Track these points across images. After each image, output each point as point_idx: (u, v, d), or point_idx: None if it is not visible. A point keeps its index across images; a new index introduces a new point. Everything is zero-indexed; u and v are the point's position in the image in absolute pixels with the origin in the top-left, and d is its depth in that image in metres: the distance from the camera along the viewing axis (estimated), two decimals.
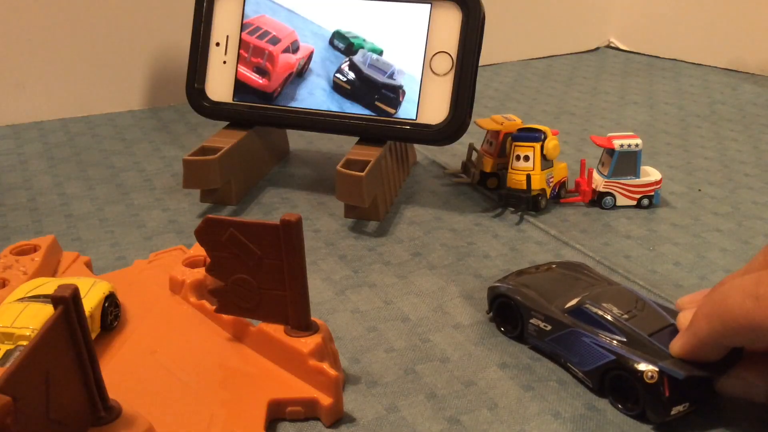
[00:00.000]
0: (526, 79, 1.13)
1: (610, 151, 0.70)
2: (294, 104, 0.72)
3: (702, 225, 0.68)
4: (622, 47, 1.28)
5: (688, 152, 0.85)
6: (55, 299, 0.34)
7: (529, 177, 0.68)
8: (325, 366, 0.44)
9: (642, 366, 0.43)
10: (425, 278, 0.59)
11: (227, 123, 0.75)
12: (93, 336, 0.45)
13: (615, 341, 0.45)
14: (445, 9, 0.68)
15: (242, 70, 0.74)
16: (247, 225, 0.43)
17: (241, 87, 0.74)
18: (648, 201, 0.71)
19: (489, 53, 0.82)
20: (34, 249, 0.55)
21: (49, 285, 0.48)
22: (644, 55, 1.25)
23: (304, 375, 0.44)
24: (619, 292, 0.49)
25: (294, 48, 0.73)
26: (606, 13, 1.28)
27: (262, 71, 0.73)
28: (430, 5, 0.69)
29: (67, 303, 0.35)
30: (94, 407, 0.37)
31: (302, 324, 0.45)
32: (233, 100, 0.74)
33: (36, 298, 0.46)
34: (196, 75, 0.75)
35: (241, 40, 0.74)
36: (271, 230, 0.43)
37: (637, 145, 0.69)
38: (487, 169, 0.74)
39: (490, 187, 0.74)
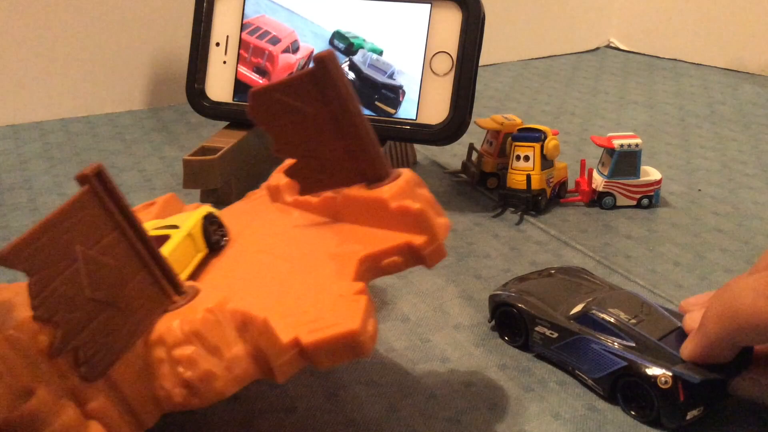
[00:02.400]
0: (526, 79, 1.13)
1: (610, 151, 0.70)
2: None
3: (702, 225, 0.68)
4: (622, 47, 1.28)
5: (688, 152, 0.85)
6: (79, 178, 0.33)
7: (529, 177, 0.68)
8: (407, 203, 0.39)
9: (655, 371, 0.43)
10: (425, 278, 0.59)
11: (227, 123, 0.75)
12: (200, 256, 0.45)
13: (625, 347, 0.45)
14: (445, 9, 0.68)
15: (242, 70, 0.74)
16: (288, 83, 0.39)
17: (241, 87, 0.74)
18: (648, 201, 0.71)
19: (489, 53, 0.82)
20: (153, 204, 0.53)
21: (160, 221, 0.47)
22: (644, 55, 1.25)
23: (393, 223, 0.40)
24: (624, 297, 0.48)
25: (294, 48, 0.73)
26: (606, 13, 1.28)
27: (262, 71, 0.73)
28: (430, 5, 0.69)
29: (91, 181, 0.33)
30: (163, 291, 0.36)
31: (379, 173, 0.41)
32: (233, 100, 0.74)
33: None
34: (196, 75, 0.75)
35: (241, 40, 0.74)
36: (309, 78, 0.38)
37: (637, 145, 0.69)
38: (487, 169, 0.74)
39: (490, 187, 0.75)
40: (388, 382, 0.48)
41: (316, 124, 0.39)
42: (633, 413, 0.45)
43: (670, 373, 0.42)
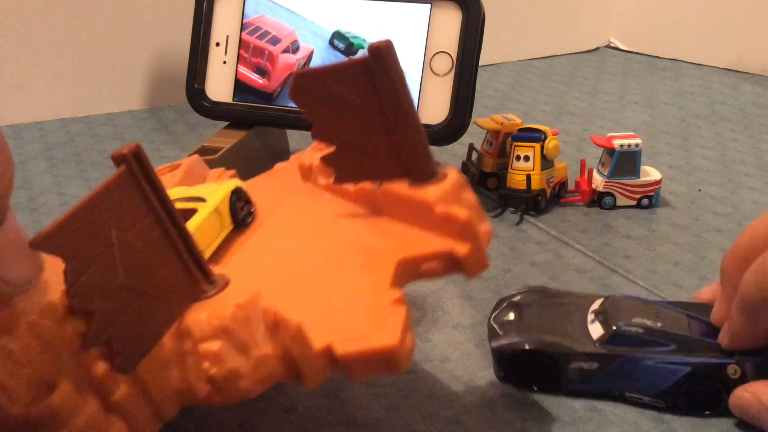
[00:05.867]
0: (526, 79, 1.13)
1: (610, 151, 0.70)
2: (294, 104, 0.72)
3: (702, 225, 0.68)
4: (622, 47, 1.28)
5: (688, 152, 0.85)
6: (115, 158, 0.31)
7: (529, 177, 0.68)
8: (454, 209, 0.37)
9: (721, 365, 0.43)
10: None
11: (227, 123, 0.75)
12: (225, 233, 0.43)
13: (672, 352, 0.44)
14: (445, 9, 0.68)
15: (242, 70, 0.74)
16: (336, 69, 0.37)
17: (241, 87, 0.74)
18: (648, 201, 0.71)
19: (489, 53, 0.82)
20: (177, 167, 0.51)
21: (184, 190, 0.45)
22: (644, 55, 1.25)
23: (436, 227, 0.38)
24: (631, 304, 0.47)
25: (294, 48, 0.73)
26: (606, 13, 1.28)
27: (262, 71, 0.73)
28: (430, 5, 0.69)
29: (128, 161, 0.31)
30: (193, 280, 0.35)
31: (424, 171, 0.39)
32: (233, 100, 0.74)
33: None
34: (196, 75, 0.75)
35: (241, 40, 0.74)
36: (361, 66, 0.36)
37: (637, 145, 0.69)
38: (487, 169, 0.74)
39: (490, 187, 0.74)
40: (388, 382, 0.48)
41: (361, 115, 0.38)
42: (707, 413, 0.44)
43: (733, 362, 0.43)
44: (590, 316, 0.47)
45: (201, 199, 0.43)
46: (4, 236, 0.31)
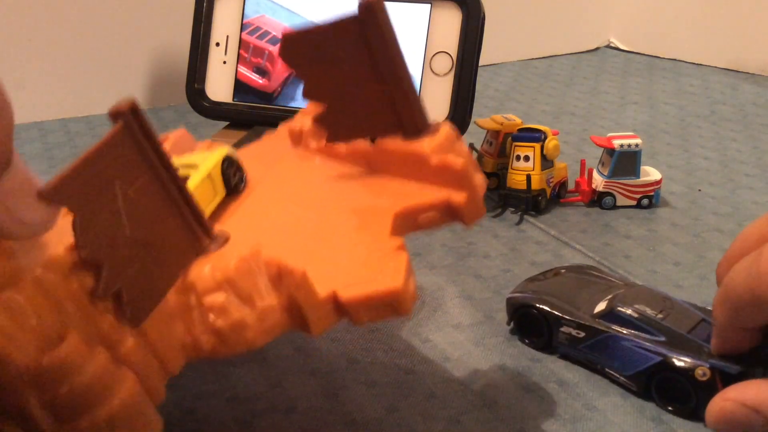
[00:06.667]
0: (526, 79, 1.13)
1: (610, 151, 0.70)
2: (294, 104, 0.72)
3: (702, 225, 0.68)
4: (622, 47, 1.28)
5: (688, 152, 0.85)
6: (112, 114, 0.31)
7: (529, 177, 0.68)
8: (450, 159, 0.38)
9: (692, 364, 0.43)
10: (425, 278, 0.59)
11: (227, 123, 0.75)
12: (218, 199, 0.43)
13: (656, 342, 0.45)
14: (445, 9, 0.68)
15: (242, 70, 0.74)
16: (327, 27, 0.37)
17: (241, 87, 0.74)
18: (648, 201, 0.71)
19: (489, 53, 0.82)
20: (165, 140, 0.50)
21: (175, 159, 0.46)
22: (644, 55, 1.25)
23: (432, 178, 0.39)
24: (645, 292, 0.49)
25: None
26: (606, 13, 1.28)
27: (262, 71, 0.73)
28: (430, 5, 0.69)
29: (126, 116, 0.31)
30: (194, 234, 0.35)
31: (418, 124, 0.39)
32: (233, 100, 0.74)
33: None
34: (196, 75, 0.75)
35: (241, 40, 0.74)
36: (352, 22, 0.36)
37: (637, 145, 0.69)
38: (487, 169, 0.74)
39: (490, 187, 0.74)
40: (388, 382, 0.48)
41: (353, 71, 0.38)
42: (670, 408, 0.45)
43: (707, 365, 0.42)
44: (606, 295, 0.49)
45: (193, 166, 0.42)
46: (15, 179, 0.31)
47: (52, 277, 0.31)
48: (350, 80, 0.38)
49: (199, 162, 0.43)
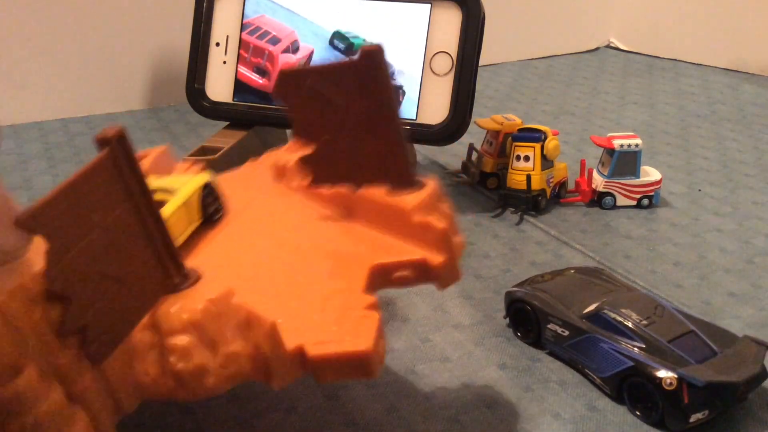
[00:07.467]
0: (526, 79, 1.13)
1: (610, 151, 0.70)
2: None
3: (702, 225, 0.68)
4: (622, 47, 1.28)
5: (688, 152, 0.85)
6: (99, 140, 0.30)
7: (529, 177, 0.68)
8: (432, 219, 0.38)
9: (661, 373, 0.43)
10: None
11: (227, 123, 0.75)
12: (193, 227, 0.42)
13: (633, 347, 0.45)
14: (445, 9, 0.68)
15: (242, 70, 0.74)
16: (325, 70, 0.38)
17: (241, 87, 0.74)
18: (648, 201, 0.71)
19: (489, 53, 0.82)
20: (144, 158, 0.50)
21: (152, 180, 0.45)
22: (644, 55, 1.25)
23: (411, 236, 0.39)
24: (638, 298, 0.49)
25: (294, 48, 0.73)
26: (606, 13, 1.28)
27: (262, 71, 0.73)
28: (430, 5, 0.69)
29: (112, 144, 0.31)
30: (165, 271, 0.34)
31: (404, 179, 0.39)
32: (233, 100, 0.74)
33: None
34: (196, 75, 0.75)
35: (241, 40, 0.74)
36: (351, 69, 0.37)
37: (637, 145, 0.69)
38: (487, 169, 0.74)
39: (490, 187, 0.74)
40: (388, 382, 0.48)
41: (346, 117, 0.38)
42: (638, 414, 0.45)
43: (675, 375, 0.42)
44: (603, 297, 0.49)
45: (170, 191, 0.42)
46: None
47: (16, 306, 0.30)
48: (342, 125, 0.38)
49: (177, 186, 0.42)
